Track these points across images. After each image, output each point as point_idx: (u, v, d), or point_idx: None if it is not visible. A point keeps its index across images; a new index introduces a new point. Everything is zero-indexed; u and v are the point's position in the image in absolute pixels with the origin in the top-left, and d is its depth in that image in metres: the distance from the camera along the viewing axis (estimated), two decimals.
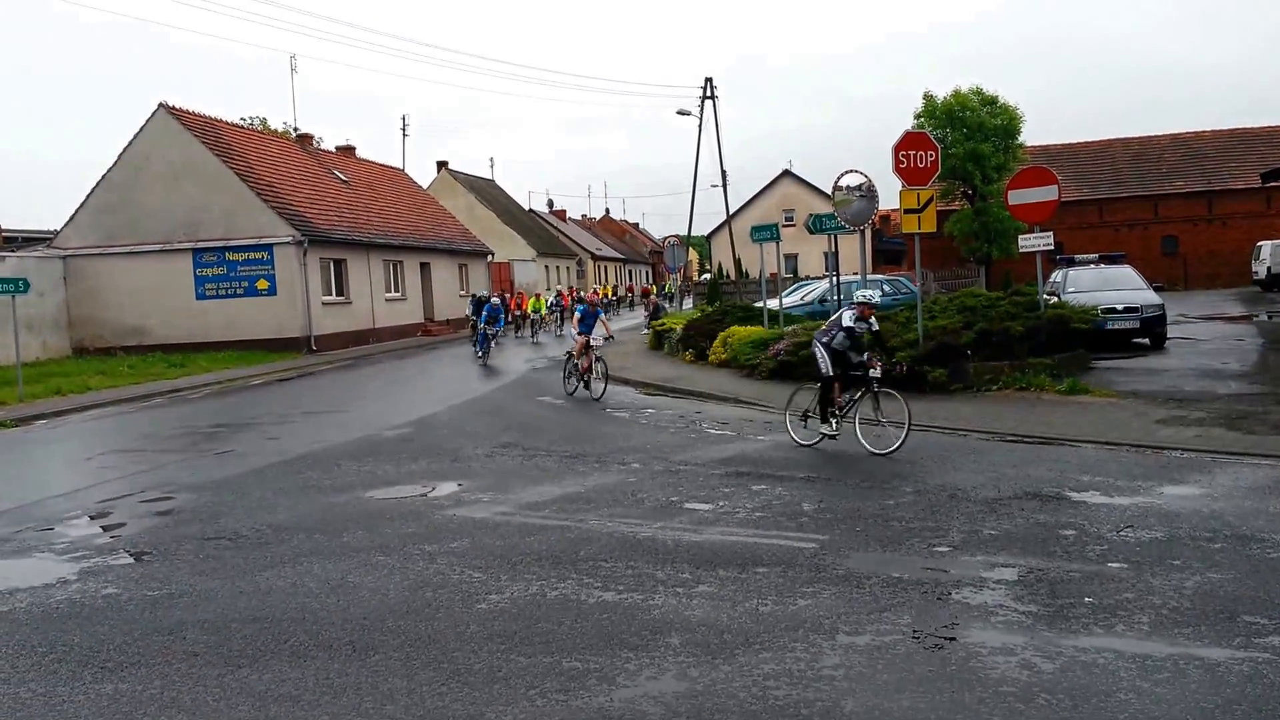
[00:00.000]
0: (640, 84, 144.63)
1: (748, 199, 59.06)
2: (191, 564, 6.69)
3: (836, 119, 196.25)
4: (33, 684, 4.68)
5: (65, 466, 11.86)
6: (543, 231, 61.06)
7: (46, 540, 7.64)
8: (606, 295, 57.38)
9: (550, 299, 38.10)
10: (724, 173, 43.65)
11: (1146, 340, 17.26)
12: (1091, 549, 6.12)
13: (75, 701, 4.45)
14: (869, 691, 4.19)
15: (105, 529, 7.98)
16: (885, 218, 46.79)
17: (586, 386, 15.55)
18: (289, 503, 8.58)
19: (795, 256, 49.64)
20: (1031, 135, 39.03)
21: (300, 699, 4.37)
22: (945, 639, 4.76)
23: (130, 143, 28.79)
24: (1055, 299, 16.25)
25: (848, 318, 9.90)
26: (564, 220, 71.60)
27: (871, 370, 9.60)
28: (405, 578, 6.12)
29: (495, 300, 25.33)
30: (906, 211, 13.87)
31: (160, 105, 28.91)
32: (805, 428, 10.29)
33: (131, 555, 7.03)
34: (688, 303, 43.01)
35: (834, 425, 9.96)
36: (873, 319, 9.95)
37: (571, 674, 4.50)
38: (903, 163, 13.59)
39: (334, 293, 30.52)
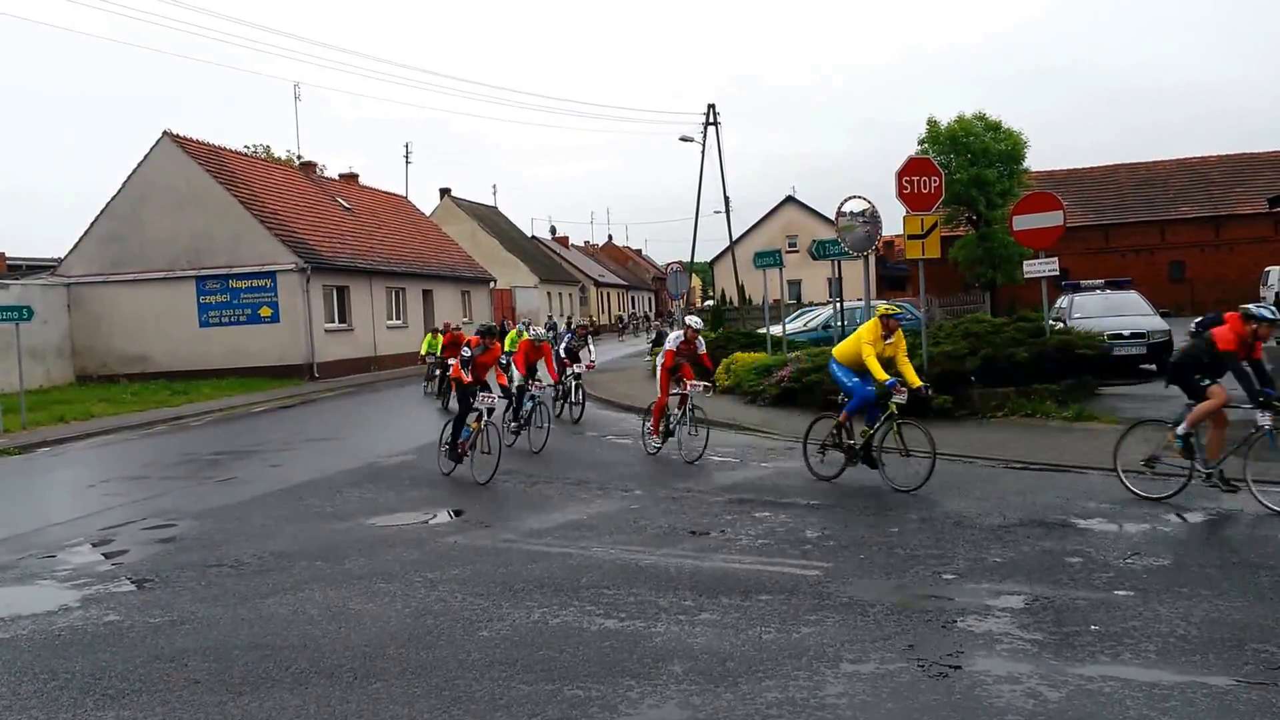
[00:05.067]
0: (644, 110, 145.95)
1: (751, 225, 59.30)
2: (193, 591, 6.68)
3: (840, 145, 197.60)
4: (34, 711, 4.66)
5: (68, 494, 11.84)
6: (545, 258, 61.27)
7: (49, 567, 7.63)
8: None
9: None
10: (727, 199, 43.87)
11: (1153, 366, 17.18)
12: (1098, 576, 6.08)
13: None
14: None
15: (107, 556, 7.97)
16: (889, 243, 46.96)
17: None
18: (291, 530, 8.56)
19: (799, 282, 49.72)
20: (1036, 161, 39.35)
21: None
22: (950, 667, 4.73)
23: (134, 170, 29.00)
24: (1061, 325, 16.23)
25: None
26: (566, 247, 71.87)
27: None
28: (407, 605, 6.10)
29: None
30: (910, 237, 13.92)
31: (164, 133, 29.15)
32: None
33: (133, 582, 7.02)
34: None
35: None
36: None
37: (573, 702, 4.47)
38: (906, 188, 13.66)
39: (336, 320, 30.59)
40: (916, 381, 9.04)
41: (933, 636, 5.16)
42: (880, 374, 8.91)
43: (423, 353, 22.58)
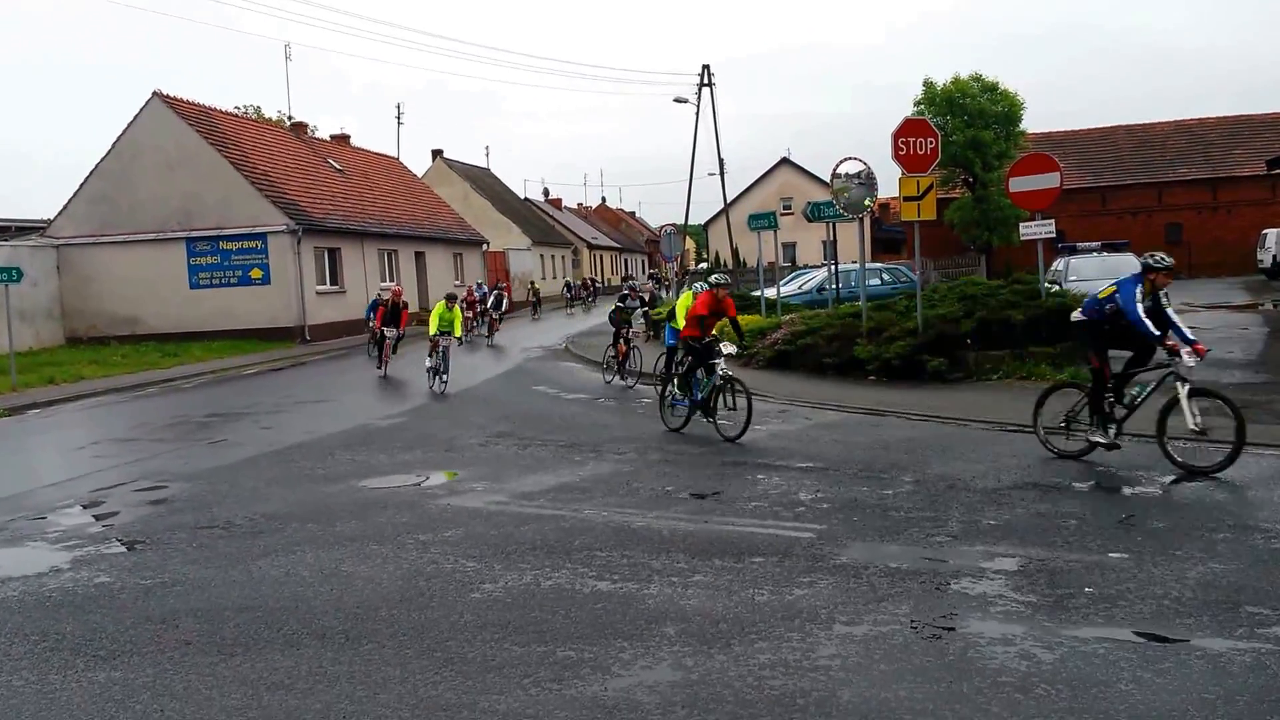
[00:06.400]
0: (638, 71, 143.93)
1: (745, 187, 58.83)
2: (184, 553, 6.64)
3: (836, 107, 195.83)
4: (25, 672, 4.64)
5: (58, 456, 11.78)
6: (538, 220, 60.85)
7: (39, 529, 7.59)
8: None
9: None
10: (721, 161, 43.52)
11: None
12: (1092, 539, 6.08)
13: (68, 690, 4.42)
14: (865, 682, 4.15)
15: (98, 518, 7.92)
16: (885, 205, 46.67)
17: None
18: (282, 492, 8.52)
19: (793, 245, 49.50)
20: (1033, 122, 38.87)
21: (293, 687, 4.33)
22: (943, 629, 4.72)
23: (124, 131, 28.61)
24: (1057, 287, 16.16)
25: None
26: (560, 209, 71.34)
27: None
28: (399, 567, 6.08)
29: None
30: (906, 199, 13.80)
31: (154, 94, 28.73)
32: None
33: (124, 544, 6.98)
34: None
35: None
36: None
37: (566, 663, 4.46)
38: (902, 150, 13.51)
39: (328, 282, 30.37)
40: None
41: (926, 599, 5.16)
42: None
43: (433, 331, 15.64)
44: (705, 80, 41.38)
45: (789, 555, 5.96)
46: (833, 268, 19.60)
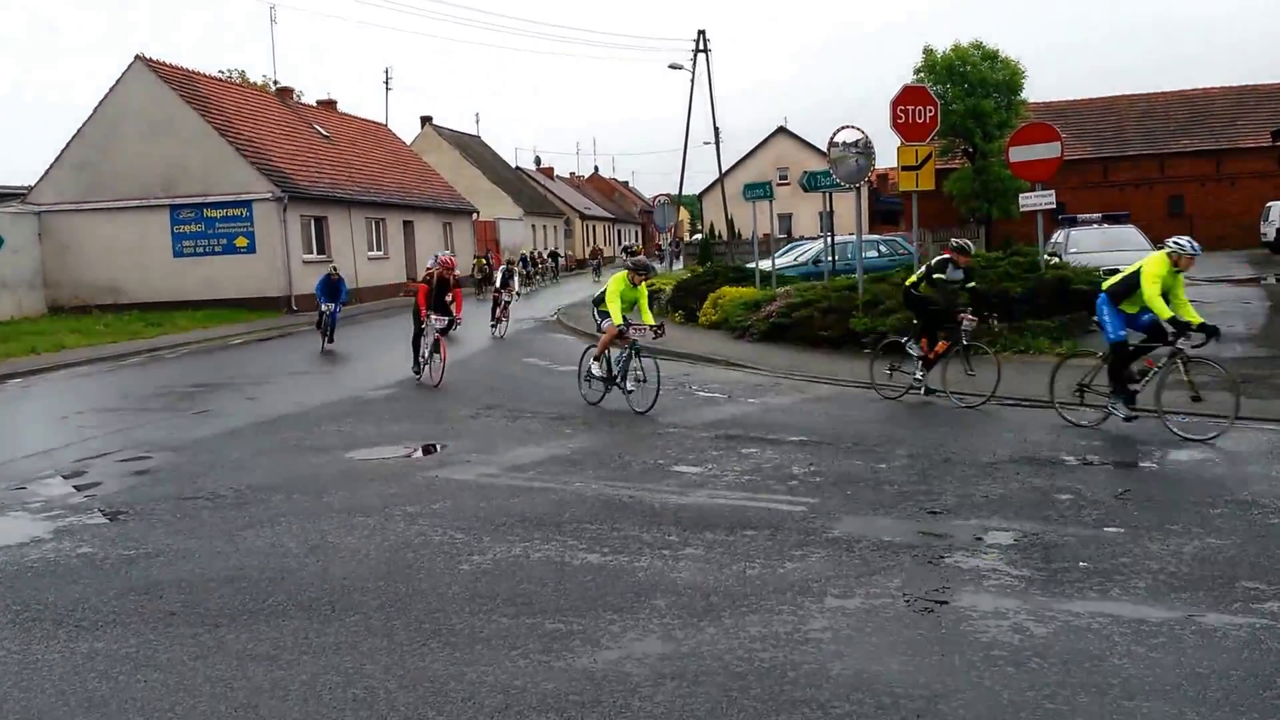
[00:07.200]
0: (633, 37, 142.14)
1: (741, 156, 58.56)
2: (168, 524, 6.55)
3: (834, 74, 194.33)
4: (7, 643, 4.58)
5: (40, 426, 11.64)
6: (530, 190, 60.33)
7: (20, 499, 7.48)
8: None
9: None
10: (716, 129, 43.04)
11: None
12: (1088, 513, 6.05)
13: (50, 660, 4.35)
14: (857, 654, 4.11)
15: (80, 488, 7.81)
16: (883, 176, 46.45)
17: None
18: (268, 463, 8.43)
19: (790, 216, 49.31)
20: (1035, 91, 38.41)
21: (278, 658, 4.27)
22: (936, 602, 4.69)
23: (106, 96, 28.10)
24: (1056, 260, 16.09)
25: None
26: (551, 178, 70.75)
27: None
28: (386, 538, 6.00)
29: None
30: (904, 169, 13.67)
31: (137, 58, 28.19)
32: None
33: (107, 515, 6.88)
34: (678, 264, 42.68)
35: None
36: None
37: (554, 635, 4.41)
38: (901, 118, 13.36)
39: (315, 251, 30.02)
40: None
41: (919, 572, 5.12)
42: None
43: (617, 320, 10.48)
44: (701, 46, 40.86)
45: (781, 529, 5.91)
46: (829, 239, 19.47)
